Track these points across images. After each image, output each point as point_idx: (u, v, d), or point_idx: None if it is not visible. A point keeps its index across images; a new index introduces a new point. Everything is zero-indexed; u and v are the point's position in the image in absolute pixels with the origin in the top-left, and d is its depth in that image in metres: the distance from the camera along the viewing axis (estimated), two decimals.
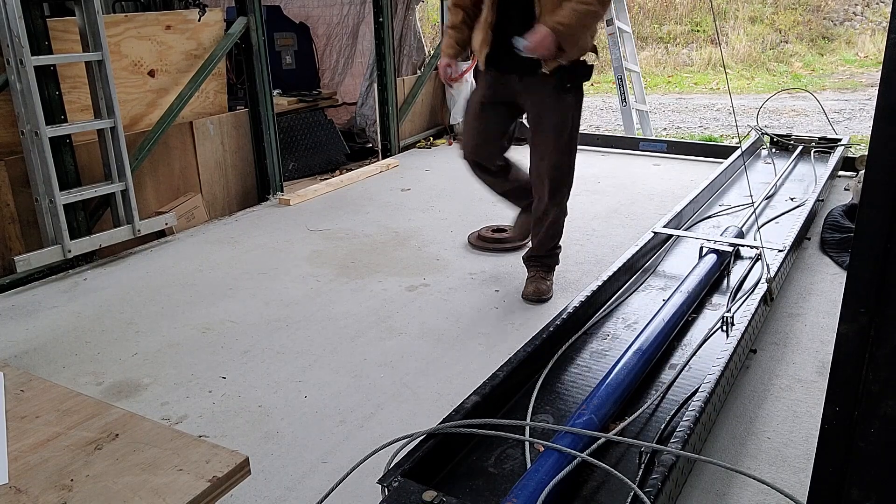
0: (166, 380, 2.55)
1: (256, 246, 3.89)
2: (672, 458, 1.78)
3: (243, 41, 4.45)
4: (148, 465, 0.93)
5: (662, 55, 12.80)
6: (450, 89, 6.43)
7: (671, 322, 2.57)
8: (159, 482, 0.90)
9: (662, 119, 8.90)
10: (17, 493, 0.89)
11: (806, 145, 5.21)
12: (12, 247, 3.42)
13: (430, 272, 3.48)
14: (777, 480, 1.94)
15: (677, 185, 4.82)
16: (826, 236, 3.68)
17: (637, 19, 13.27)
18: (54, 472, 0.92)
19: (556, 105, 2.82)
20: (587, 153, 5.90)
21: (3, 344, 2.83)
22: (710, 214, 4.06)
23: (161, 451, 0.96)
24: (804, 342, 2.73)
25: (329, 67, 7.14)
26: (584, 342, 2.64)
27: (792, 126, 7.84)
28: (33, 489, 0.90)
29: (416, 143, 6.25)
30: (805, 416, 2.27)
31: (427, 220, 4.27)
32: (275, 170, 4.77)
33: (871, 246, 1.05)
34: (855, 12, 13.29)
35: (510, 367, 2.24)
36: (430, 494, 1.60)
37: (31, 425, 1.02)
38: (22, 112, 3.25)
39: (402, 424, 2.26)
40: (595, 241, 3.85)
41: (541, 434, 2.05)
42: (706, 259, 3.11)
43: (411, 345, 2.79)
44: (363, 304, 3.15)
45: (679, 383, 2.32)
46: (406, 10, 6.43)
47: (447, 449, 1.94)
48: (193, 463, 0.94)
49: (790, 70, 11.88)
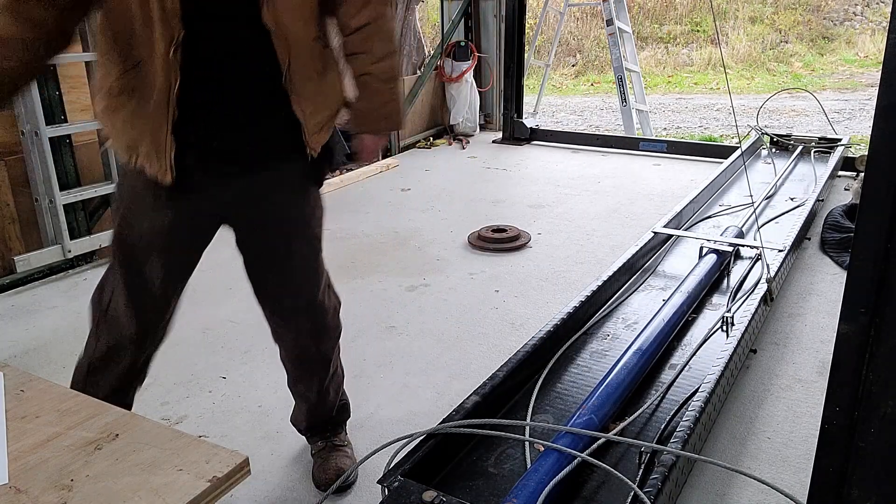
0: (166, 380, 2.55)
1: None
2: (672, 458, 1.78)
3: None
4: (148, 465, 0.93)
5: (662, 55, 12.79)
6: (450, 89, 6.44)
7: (671, 322, 2.57)
8: (159, 482, 0.90)
9: (662, 119, 8.90)
10: (17, 493, 0.89)
11: (806, 145, 5.21)
12: (12, 247, 3.42)
13: (430, 272, 3.48)
14: (777, 480, 1.94)
15: (677, 185, 4.82)
16: (826, 236, 3.68)
17: (637, 19, 13.27)
18: (54, 472, 0.92)
19: (305, 205, 1.72)
20: (587, 153, 5.90)
21: (3, 344, 2.83)
22: (710, 214, 4.06)
23: (161, 451, 0.96)
24: (804, 342, 2.73)
25: None
26: (584, 342, 2.64)
27: (792, 126, 7.84)
28: (33, 489, 0.89)
29: (416, 143, 6.25)
30: (805, 416, 2.27)
31: (427, 220, 4.27)
32: None
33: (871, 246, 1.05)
34: (855, 12, 13.28)
35: (510, 367, 2.24)
36: (430, 494, 1.60)
37: (31, 425, 1.02)
38: (22, 112, 3.25)
39: (402, 424, 2.26)
40: (595, 241, 3.85)
41: (541, 434, 2.05)
42: (706, 259, 3.11)
43: (411, 345, 2.79)
44: (363, 304, 3.14)
45: (679, 383, 2.32)
46: (406, 10, 6.43)
47: (447, 449, 1.94)
48: (193, 463, 0.94)
49: (790, 70, 11.88)
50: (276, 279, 1.77)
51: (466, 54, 6.41)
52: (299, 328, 1.85)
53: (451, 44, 6.43)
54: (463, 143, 6.28)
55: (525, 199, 4.66)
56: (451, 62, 6.41)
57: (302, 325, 1.85)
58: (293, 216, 1.72)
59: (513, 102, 6.24)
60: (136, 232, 1.61)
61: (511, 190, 4.89)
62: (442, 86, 6.51)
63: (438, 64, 6.43)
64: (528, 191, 4.85)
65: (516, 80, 6.19)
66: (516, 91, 6.22)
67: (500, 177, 5.25)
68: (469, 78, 6.43)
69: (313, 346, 1.89)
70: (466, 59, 6.42)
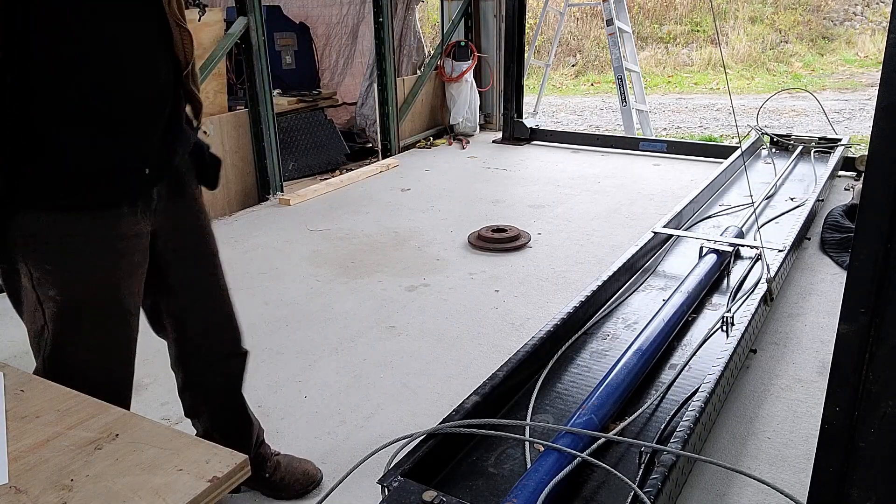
0: (166, 380, 2.54)
1: (256, 246, 3.89)
2: (672, 458, 1.78)
3: (243, 41, 4.45)
4: (148, 465, 0.93)
5: (662, 55, 12.79)
6: (450, 89, 6.44)
7: (671, 322, 2.57)
8: (159, 482, 0.90)
9: (662, 119, 8.90)
10: (17, 493, 0.89)
11: (806, 145, 5.21)
12: None
13: (430, 272, 3.48)
14: (777, 480, 1.94)
15: (677, 185, 4.82)
16: (826, 236, 3.68)
17: (637, 19, 13.27)
18: (54, 472, 0.92)
19: (202, 212, 1.67)
20: (587, 153, 5.90)
21: (3, 344, 2.83)
22: (710, 214, 4.06)
23: (161, 451, 0.96)
24: (804, 342, 2.73)
25: (329, 67, 7.14)
26: (584, 342, 2.64)
27: (792, 126, 7.84)
28: (33, 489, 0.89)
29: (416, 143, 6.25)
30: (805, 416, 2.26)
31: (427, 220, 4.27)
32: (275, 170, 4.77)
33: (871, 246, 1.06)
34: (855, 12, 13.28)
35: (510, 367, 2.24)
36: (430, 494, 1.60)
37: (31, 425, 1.02)
38: None
39: (402, 424, 2.26)
40: (595, 241, 3.85)
41: (541, 434, 2.05)
42: (706, 259, 3.10)
43: (411, 345, 2.79)
44: (363, 304, 3.14)
45: (679, 383, 2.32)
46: (406, 10, 6.44)
47: (447, 449, 1.94)
48: (193, 463, 0.94)
49: (790, 70, 11.88)
50: (202, 280, 1.70)
51: (466, 54, 6.42)
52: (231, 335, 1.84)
53: (451, 44, 6.43)
54: (463, 143, 6.28)
55: (525, 199, 4.66)
56: (451, 62, 6.41)
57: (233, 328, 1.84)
58: (196, 218, 1.66)
59: (513, 102, 6.24)
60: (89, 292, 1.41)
61: (511, 190, 4.89)
62: (442, 86, 6.51)
63: (438, 64, 6.43)
64: (528, 191, 4.85)
65: (516, 80, 6.19)
66: (516, 91, 6.22)
67: (500, 177, 5.25)
68: (469, 78, 6.43)
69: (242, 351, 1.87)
70: (466, 59, 6.42)
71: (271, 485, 1.95)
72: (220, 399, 1.84)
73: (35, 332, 1.44)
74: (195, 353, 1.75)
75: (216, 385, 1.82)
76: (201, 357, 1.76)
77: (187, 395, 1.83)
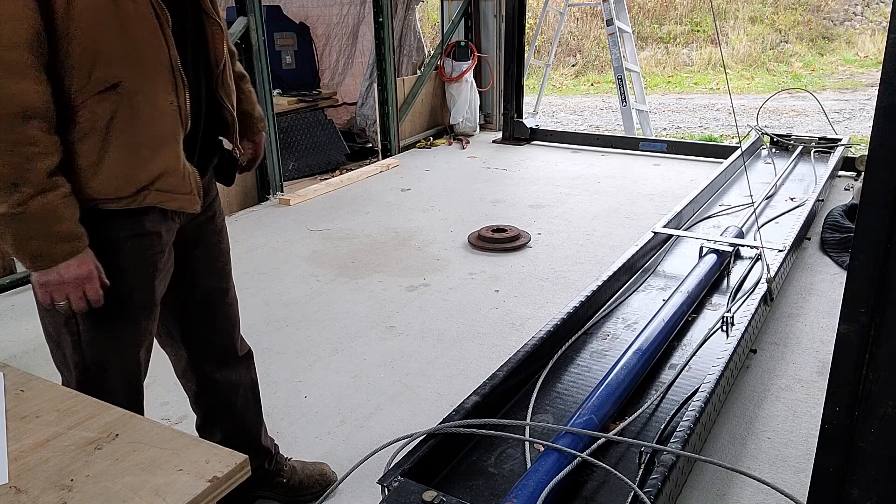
0: (166, 380, 2.54)
1: (256, 246, 3.89)
2: (672, 458, 1.78)
3: (243, 41, 4.45)
4: (148, 465, 0.93)
5: (662, 55, 12.79)
6: (450, 89, 6.44)
7: (671, 322, 2.57)
8: (159, 482, 0.90)
9: (662, 119, 8.90)
10: (17, 493, 0.89)
11: (806, 145, 5.21)
12: None
13: (430, 272, 3.48)
14: (777, 480, 1.94)
15: (677, 185, 4.82)
16: (826, 236, 3.68)
17: (637, 19, 13.27)
18: (54, 472, 0.92)
19: (219, 212, 1.70)
20: (587, 153, 5.90)
21: (3, 344, 2.83)
22: (710, 214, 4.06)
23: (161, 451, 0.96)
24: (804, 342, 2.73)
25: (329, 67, 7.14)
26: (584, 342, 2.64)
27: (792, 126, 7.84)
28: (33, 489, 0.89)
29: (416, 143, 6.25)
30: (805, 416, 2.27)
31: (427, 220, 4.27)
32: (275, 170, 4.77)
33: (871, 246, 1.06)
34: (855, 12, 13.28)
35: (510, 367, 2.24)
36: (430, 494, 1.60)
37: (31, 425, 1.02)
38: None
39: (402, 424, 2.26)
40: (595, 241, 3.85)
41: (541, 434, 2.05)
42: (706, 259, 3.10)
43: (411, 345, 2.79)
44: (363, 304, 3.14)
45: (679, 383, 2.32)
46: (406, 10, 6.44)
47: (447, 449, 1.94)
48: (193, 463, 0.94)
49: (790, 70, 11.88)
50: (225, 299, 1.77)
51: (466, 54, 6.42)
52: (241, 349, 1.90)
53: (451, 44, 6.43)
54: (463, 143, 6.28)
55: (525, 199, 4.66)
56: (451, 62, 6.41)
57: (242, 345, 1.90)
58: (221, 235, 1.71)
59: (513, 102, 6.25)
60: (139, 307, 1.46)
61: (511, 190, 4.89)
62: (442, 86, 6.51)
63: (438, 64, 6.43)
64: (528, 191, 4.85)
65: (516, 80, 6.19)
66: (516, 91, 6.22)
67: (499, 177, 5.25)
68: (469, 78, 6.43)
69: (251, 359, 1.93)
70: (466, 59, 6.42)
71: (290, 489, 1.95)
72: (244, 396, 1.85)
73: (61, 322, 1.41)
74: (207, 354, 1.77)
75: (237, 380, 1.82)
76: (216, 356, 1.78)
77: (204, 401, 1.82)
